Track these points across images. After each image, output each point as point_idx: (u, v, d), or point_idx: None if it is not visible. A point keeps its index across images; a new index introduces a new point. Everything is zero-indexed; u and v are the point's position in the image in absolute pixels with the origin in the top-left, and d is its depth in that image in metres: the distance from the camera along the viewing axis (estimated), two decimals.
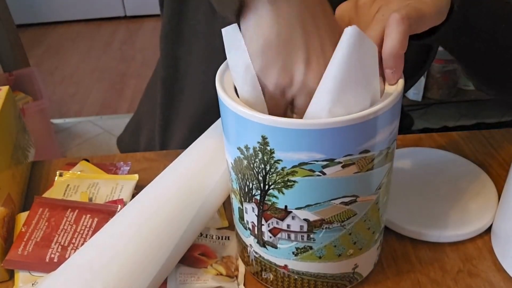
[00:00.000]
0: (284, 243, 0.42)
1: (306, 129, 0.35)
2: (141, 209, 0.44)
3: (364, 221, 0.42)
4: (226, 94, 0.39)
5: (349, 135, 0.36)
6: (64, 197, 0.55)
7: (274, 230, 0.42)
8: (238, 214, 0.45)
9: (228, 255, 0.50)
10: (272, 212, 0.40)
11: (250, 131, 0.37)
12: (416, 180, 0.58)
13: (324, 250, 0.42)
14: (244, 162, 0.39)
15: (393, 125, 0.39)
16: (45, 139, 1.78)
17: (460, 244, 0.51)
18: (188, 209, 0.45)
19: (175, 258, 0.44)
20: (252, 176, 0.39)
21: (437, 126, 2.04)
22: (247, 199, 0.42)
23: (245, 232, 0.45)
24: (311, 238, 0.41)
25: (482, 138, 0.67)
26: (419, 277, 0.48)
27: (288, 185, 0.38)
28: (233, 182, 0.43)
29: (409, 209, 0.54)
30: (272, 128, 0.36)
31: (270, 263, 0.44)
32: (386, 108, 0.36)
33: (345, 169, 0.37)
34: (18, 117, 0.62)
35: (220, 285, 0.46)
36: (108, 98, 2.31)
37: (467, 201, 0.55)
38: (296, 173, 0.37)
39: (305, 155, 0.36)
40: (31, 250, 0.48)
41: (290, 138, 0.36)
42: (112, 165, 0.61)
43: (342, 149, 0.36)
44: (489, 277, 0.48)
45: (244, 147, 0.38)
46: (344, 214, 0.40)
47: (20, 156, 0.60)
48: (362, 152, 0.37)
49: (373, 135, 0.37)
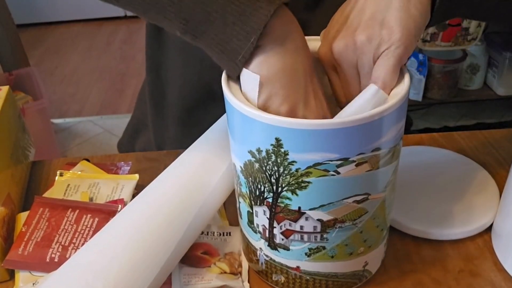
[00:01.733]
0: (296, 244, 0.42)
1: (321, 129, 0.35)
2: (142, 209, 0.44)
3: (374, 219, 0.42)
4: (236, 98, 0.38)
5: (363, 134, 0.36)
6: (65, 197, 0.55)
7: (286, 232, 0.41)
8: (247, 218, 0.44)
9: (231, 251, 0.50)
10: (284, 214, 0.40)
11: (263, 134, 0.37)
12: (418, 179, 0.58)
13: (336, 249, 0.42)
14: (256, 165, 0.39)
15: (401, 122, 0.39)
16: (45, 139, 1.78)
17: (462, 244, 0.51)
18: (188, 209, 0.44)
19: (176, 258, 0.44)
20: (264, 179, 0.39)
21: (438, 126, 2.04)
22: (258, 202, 0.41)
23: (254, 236, 0.44)
24: (324, 238, 0.41)
25: (482, 138, 0.67)
26: (421, 277, 0.48)
27: (302, 186, 0.38)
28: (241, 186, 0.42)
29: (412, 207, 0.54)
30: (287, 130, 0.36)
31: (282, 265, 0.44)
32: (397, 105, 0.37)
33: (358, 168, 0.38)
34: (18, 117, 0.62)
35: (225, 284, 0.46)
36: (108, 98, 2.31)
37: (469, 199, 0.55)
38: (311, 173, 0.37)
39: (320, 155, 0.36)
40: (31, 250, 0.47)
41: (305, 139, 0.36)
42: (113, 165, 0.61)
43: (356, 148, 0.37)
44: (490, 277, 0.48)
45: (256, 150, 0.38)
46: (356, 213, 0.40)
47: (20, 156, 0.60)
48: (374, 150, 0.37)
49: (385, 133, 0.37)
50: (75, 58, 2.69)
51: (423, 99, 1.92)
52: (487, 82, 1.99)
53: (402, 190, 0.55)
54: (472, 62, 1.92)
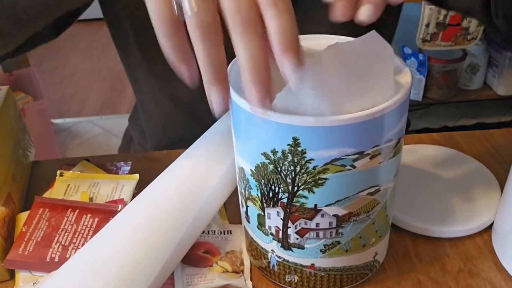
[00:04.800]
0: (311, 242, 0.42)
1: (339, 125, 0.35)
2: (142, 209, 0.44)
3: (385, 209, 0.43)
4: (244, 98, 0.37)
5: (378, 126, 0.36)
6: (65, 197, 0.55)
7: (301, 231, 0.41)
8: (257, 221, 0.43)
9: (232, 249, 0.50)
10: (300, 213, 0.40)
11: (278, 134, 0.36)
12: (419, 176, 0.59)
13: (351, 242, 0.42)
14: (270, 167, 0.38)
15: (407, 112, 0.40)
16: (45, 139, 1.78)
17: (461, 243, 0.52)
18: (189, 209, 0.44)
19: (177, 258, 0.44)
20: (279, 179, 0.39)
21: (437, 126, 2.04)
22: (272, 204, 0.41)
23: (265, 239, 0.44)
24: (339, 233, 0.41)
25: (482, 138, 0.67)
26: (420, 277, 0.48)
27: (319, 184, 0.38)
28: (251, 189, 0.42)
29: (411, 204, 0.54)
30: (305, 128, 0.35)
31: (296, 265, 0.44)
32: (406, 95, 0.38)
33: (372, 160, 0.38)
34: (18, 117, 0.62)
35: (228, 283, 0.46)
36: (108, 98, 2.31)
37: (470, 197, 0.55)
38: (328, 170, 0.37)
39: (337, 151, 0.36)
40: (31, 250, 0.48)
41: (323, 136, 0.35)
42: (113, 165, 0.61)
43: (372, 140, 0.37)
44: (489, 277, 0.48)
45: (270, 152, 0.37)
46: (370, 205, 0.41)
47: (21, 156, 0.60)
48: (387, 142, 0.38)
49: (397, 123, 0.38)
50: (75, 58, 2.69)
51: (423, 99, 1.92)
52: (487, 82, 1.99)
53: (402, 187, 0.56)
54: (472, 62, 1.92)
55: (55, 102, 2.27)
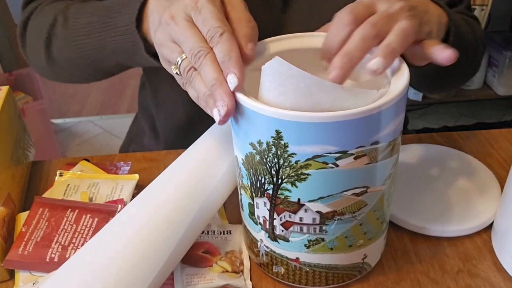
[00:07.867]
0: (296, 236, 0.42)
1: (321, 122, 0.36)
2: (141, 209, 0.44)
3: (374, 211, 0.43)
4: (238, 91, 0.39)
5: (362, 127, 0.37)
6: (64, 197, 0.55)
7: (286, 224, 0.42)
8: (248, 209, 0.45)
9: (232, 249, 0.50)
10: (284, 206, 0.41)
11: (263, 126, 0.37)
12: (419, 175, 0.59)
13: (336, 241, 0.43)
14: (257, 157, 0.40)
15: (401, 116, 0.40)
16: (45, 139, 1.78)
17: (460, 243, 0.52)
18: (188, 209, 0.44)
19: (176, 258, 0.44)
20: (264, 170, 0.40)
21: (437, 126, 2.04)
22: (259, 194, 0.42)
23: (255, 227, 0.45)
24: (323, 230, 0.42)
25: (482, 138, 0.67)
26: (419, 277, 0.48)
27: (302, 178, 0.38)
28: (243, 178, 0.43)
29: (411, 203, 0.54)
30: (287, 122, 0.36)
31: (282, 257, 0.45)
32: (397, 98, 0.37)
33: (357, 161, 0.38)
34: (18, 117, 0.62)
35: (227, 283, 0.46)
36: (108, 98, 2.31)
37: (470, 197, 0.55)
38: (310, 166, 0.38)
39: (319, 147, 0.37)
40: (31, 250, 0.48)
41: (305, 132, 0.36)
42: (112, 165, 0.61)
43: (355, 141, 0.37)
44: (489, 277, 0.48)
45: (256, 142, 0.39)
46: (356, 205, 0.41)
47: (21, 156, 0.60)
48: (373, 144, 0.38)
49: (384, 126, 0.38)
50: None
51: (423, 99, 1.92)
52: (487, 82, 1.99)
53: (401, 186, 0.56)
54: None
55: (55, 102, 2.27)
